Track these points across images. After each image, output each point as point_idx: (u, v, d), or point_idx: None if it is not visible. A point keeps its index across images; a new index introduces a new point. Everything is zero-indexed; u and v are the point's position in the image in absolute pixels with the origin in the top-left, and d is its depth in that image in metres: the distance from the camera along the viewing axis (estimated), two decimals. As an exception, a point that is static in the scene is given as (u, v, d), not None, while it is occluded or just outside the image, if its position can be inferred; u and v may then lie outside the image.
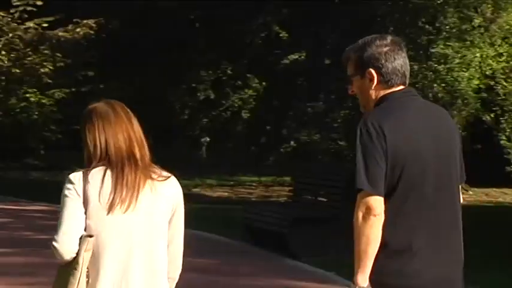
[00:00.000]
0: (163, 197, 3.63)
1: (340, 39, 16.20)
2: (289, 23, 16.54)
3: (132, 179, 3.55)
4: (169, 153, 19.60)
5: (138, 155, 3.62)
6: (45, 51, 20.88)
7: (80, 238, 3.46)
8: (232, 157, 17.85)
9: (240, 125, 18.33)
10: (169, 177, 3.70)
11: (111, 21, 19.43)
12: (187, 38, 17.71)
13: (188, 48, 17.44)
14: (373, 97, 3.70)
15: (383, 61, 3.68)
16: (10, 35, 20.70)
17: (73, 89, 20.65)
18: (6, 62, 20.63)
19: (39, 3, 20.20)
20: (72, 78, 20.96)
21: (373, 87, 3.69)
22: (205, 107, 18.14)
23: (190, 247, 11.34)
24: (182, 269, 3.84)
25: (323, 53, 16.42)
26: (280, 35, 16.26)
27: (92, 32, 20.54)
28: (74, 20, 20.74)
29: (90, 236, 3.45)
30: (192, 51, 17.47)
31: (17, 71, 20.65)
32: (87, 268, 3.49)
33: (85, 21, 20.60)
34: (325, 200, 11.46)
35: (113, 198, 3.50)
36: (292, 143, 17.73)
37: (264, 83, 17.98)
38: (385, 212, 3.50)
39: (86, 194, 3.52)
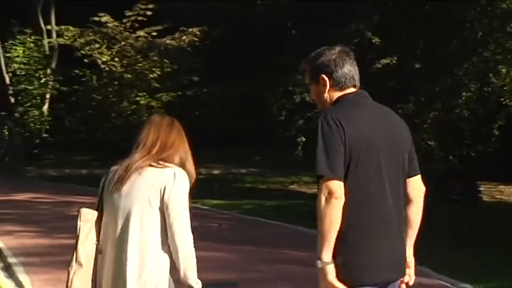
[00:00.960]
0: (146, 179, 3.86)
1: (430, 44, 15.99)
2: (381, 29, 16.40)
3: (131, 163, 3.91)
4: (268, 153, 19.72)
5: (155, 150, 3.94)
6: (154, 58, 21.22)
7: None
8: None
9: (334, 125, 18.27)
10: (167, 167, 3.91)
11: (214, 29, 19.60)
12: (285, 44, 17.73)
13: (285, 53, 17.45)
14: (328, 100, 3.89)
15: (333, 67, 3.91)
16: (122, 43, 21.12)
17: (179, 93, 20.92)
18: (119, 68, 21.05)
19: (149, 13, 20.56)
20: (178, 83, 21.24)
21: (326, 91, 3.89)
22: (301, 108, 18.09)
23: (290, 241, 11.40)
24: (283, 261, 3.88)
25: (413, 57, 16.22)
26: (373, 40, 16.12)
27: (196, 39, 20.79)
28: (180, 28, 21.05)
29: (81, 208, 3.98)
30: (288, 56, 17.47)
31: (129, 76, 21.05)
32: (98, 241, 3.89)
33: (190, 29, 20.86)
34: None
35: (111, 178, 3.93)
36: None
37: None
38: (346, 195, 3.63)
39: (107, 177, 3.99)
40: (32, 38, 22.64)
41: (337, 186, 3.63)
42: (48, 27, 22.44)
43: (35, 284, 8.08)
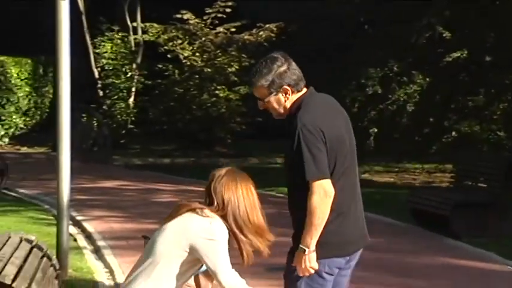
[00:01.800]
0: (178, 225, 3.83)
1: (499, 37, 15.67)
2: (452, 24, 16.15)
3: (179, 206, 3.92)
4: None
5: (207, 200, 3.95)
6: (233, 53, 21.30)
7: None
8: (398, 146, 17.62)
9: (405, 117, 18.04)
10: (203, 216, 3.86)
11: (290, 25, 19.57)
12: (358, 39, 17.61)
13: (358, 48, 17.33)
14: (289, 104, 4.14)
15: (290, 75, 4.10)
16: (203, 39, 21.26)
17: (255, 86, 20.94)
18: (199, 63, 21.20)
19: (228, 10, 20.64)
20: (255, 76, 21.27)
21: (289, 99, 4.12)
22: (373, 101, 17.97)
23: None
24: None
25: (483, 50, 15.92)
26: (444, 34, 15.89)
27: (273, 35, 20.79)
28: (258, 24, 21.05)
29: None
30: (361, 51, 17.35)
31: (209, 70, 21.18)
32: None
33: (267, 25, 20.87)
34: (484, 185, 11.13)
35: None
36: (453, 133, 17.32)
37: (427, 79, 17.63)
38: None
39: None
40: (119, 34, 22.95)
41: (329, 186, 3.94)
42: (134, 24, 22.72)
43: (122, 265, 8.21)
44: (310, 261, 4.02)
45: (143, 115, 22.13)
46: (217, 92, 21.15)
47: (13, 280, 3.53)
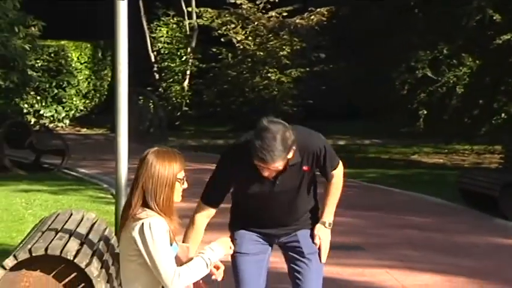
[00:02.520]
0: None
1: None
2: (501, 7, 15.84)
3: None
4: (391, 125, 19.46)
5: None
6: (284, 36, 21.22)
7: None
8: (447, 128, 17.42)
9: (455, 99, 17.80)
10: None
11: (341, 8, 19.42)
12: (408, 22, 17.40)
13: (408, 31, 17.12)
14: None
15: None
16: (256, 23, 21.22)
17: (307, 69, 20.88)
18: (252, 46, 21.18)
19: (280, -6, 20.58)
20: (306, 59, 21.19)
21: None
22: (423, 83, 17.75)
23: (413, 208, 11.26)
24: (406, 226, 3.97)
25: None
26: (494, 17, 15.58)
27: (324, 18, 20.65)
28: (309, 8, 20.94)
29: None
30: (411, 34, 17.13)
31: (261, 53, 21.15)
32: None
33: (318, 9, 20.74)
34: (534, 166, 10.96)
35: None
36: (503, 115, 17.05)
37: (477, 61, 17.36)
38: None
39: None
40: (175, 19, 23.04)
41: None
42: (189, 9, 22.77)
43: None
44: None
45: (197, 97, 22.23)
46: (269, 75, 21.11)
47: (75, 256, 3.58)
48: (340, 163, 4.49)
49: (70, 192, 11.95)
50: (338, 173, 4.45)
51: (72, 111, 23.02)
